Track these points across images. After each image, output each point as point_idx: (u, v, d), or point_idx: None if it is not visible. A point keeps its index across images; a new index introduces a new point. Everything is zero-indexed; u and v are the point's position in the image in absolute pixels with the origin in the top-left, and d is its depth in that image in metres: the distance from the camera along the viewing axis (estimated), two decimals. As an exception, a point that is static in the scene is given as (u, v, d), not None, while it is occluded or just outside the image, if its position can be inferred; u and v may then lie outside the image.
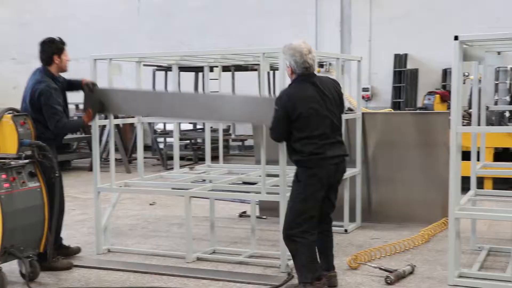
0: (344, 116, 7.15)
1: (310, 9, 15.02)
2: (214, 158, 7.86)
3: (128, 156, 13.36)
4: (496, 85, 12.94)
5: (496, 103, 12.55)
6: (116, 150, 11.59)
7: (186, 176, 6.78)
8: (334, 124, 4.92)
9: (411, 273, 5.43)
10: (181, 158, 10.08)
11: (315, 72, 4.98)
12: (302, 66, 4.81)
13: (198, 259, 5.97)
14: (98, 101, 5.84)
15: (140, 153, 6.87)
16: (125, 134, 14.30)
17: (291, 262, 5.37)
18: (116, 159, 7.40)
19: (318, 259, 5.02)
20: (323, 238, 5.15)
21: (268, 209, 7.71)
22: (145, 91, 6.06)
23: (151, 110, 6.11)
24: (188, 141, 14.04)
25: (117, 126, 12.74)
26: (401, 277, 5.28)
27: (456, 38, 5.00)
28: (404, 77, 14.16)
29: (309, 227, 4.89)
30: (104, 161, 11.80)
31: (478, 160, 6.29)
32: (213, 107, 5.63)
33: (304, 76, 4.85)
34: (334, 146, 4.89)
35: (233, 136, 14.79)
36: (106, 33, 16.52)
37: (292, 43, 4.88)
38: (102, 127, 12.12)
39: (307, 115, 4.77)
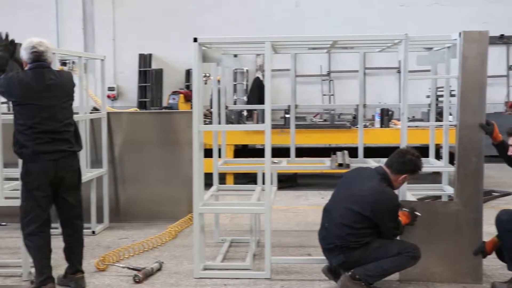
0: (89, 116, 7.05)
1: (51, 4, 14.37)
2: None
3: None
4: (235, 85, 13.84)
5: (235, 103, 13.40)
6: None
7: None
8: (59, 117, 4.76)
9: (159, 269, 5.52)
10: None
11: (51, 67, 4.88)
12: (31, 51, 4.69)
13: None
14: None
15: None
16: None
17: (34, 270, 5.12)
18: None
19: (48, 262, 4.82)
20: (67, 244, 5.01)
21: (7, 215, 7.22)
22: None
23: None
24: None
25: None
26: (149, 274, 5.35)
27: (195, 40, 5.21)
28: (150, 77, 14.31)
29: (35, 229, 4.73)
30: None
31: (219, 156, 6.61)
32: None
33: (37, 65, 4.71)
34: (56, 141, 4.72)
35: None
36: None
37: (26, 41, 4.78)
38: None
39: (24, 102, 4.65)
